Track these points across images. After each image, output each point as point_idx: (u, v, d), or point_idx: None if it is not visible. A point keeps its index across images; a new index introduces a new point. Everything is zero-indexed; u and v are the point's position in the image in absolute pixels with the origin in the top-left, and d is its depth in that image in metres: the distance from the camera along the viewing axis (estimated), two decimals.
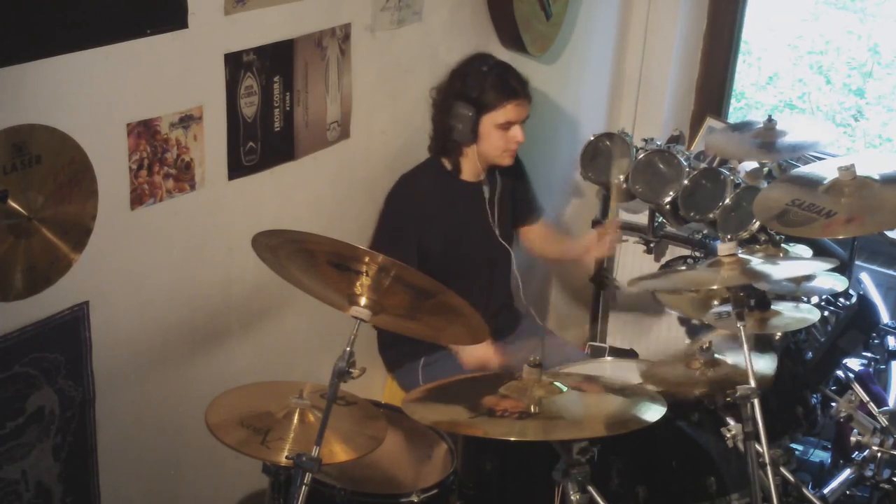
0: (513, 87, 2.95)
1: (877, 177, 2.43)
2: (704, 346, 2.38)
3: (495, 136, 2.96)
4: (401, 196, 2.98)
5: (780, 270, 2.48)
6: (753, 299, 2.38)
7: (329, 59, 2.72)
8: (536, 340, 3.08)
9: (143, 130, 2.24)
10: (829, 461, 3.14)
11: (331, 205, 2.86)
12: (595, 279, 3.96)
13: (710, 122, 4.00)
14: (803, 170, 2.68)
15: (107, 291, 2.24)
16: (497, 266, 3.16)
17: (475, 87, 2.92)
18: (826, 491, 2.69)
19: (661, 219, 3.64)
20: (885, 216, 2.41)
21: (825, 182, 2.47)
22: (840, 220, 2.36)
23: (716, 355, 2.37)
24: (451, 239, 2.99)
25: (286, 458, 1.98)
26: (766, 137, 3.25)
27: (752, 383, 2.17)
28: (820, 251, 3.13)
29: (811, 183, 2.52)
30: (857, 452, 2.69)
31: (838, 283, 2.82)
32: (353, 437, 2.10)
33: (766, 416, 2.15)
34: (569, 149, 3.73)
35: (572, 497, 2.09)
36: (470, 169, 3.03)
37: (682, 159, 3.38)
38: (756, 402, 2.15)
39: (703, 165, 3.43)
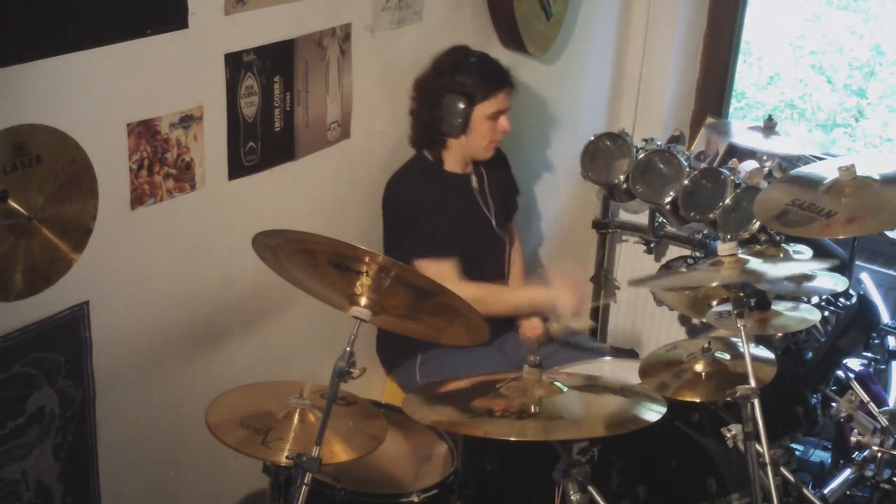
0: (502, 75, 2.99)
1: (877, 177, 2.43)
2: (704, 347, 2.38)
3: (485, 127, 2.97)
4: (402, 198, 2.98)
5: (779, 269, 2.48)
6: (753, 299, 2.38)
7: (329, 59, 2.72)
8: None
9: (144, 130, 2.24)
10: (830, 461, 3.14)
11: (331, 205, 2.86)
12: (595, 279, 3.97)
13: (711, 122, 4.01)
14: (803, 170, 2.68)
15: (107, 291, 2.24)
16: (493, 259, 3.16)
17: (467, 78, 2.92)
18: (826, 491, 2.69)
19: (661, 219, 3.65)
20: (886, 216, 2.41)
21: (825, 182, 2.47)
22: (840, 221, 2.36)
23: (716, 354, 2.37)
24: (451, 233, 2.98)
25: (286, 458, 1.98)
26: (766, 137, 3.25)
27: (752, 383, 2.17)
28: (820, 251, 3.13)
29: (811, 183, 2.52)
30: (857, 452, 2.69)
31: (839, 283, 2.82)
32: (353, 437, 2.10)
33: (766, 416, 2.15)
34: (569, 149, 3.73)
35: (572, 497, 2.09)
36: (453, 161, 3.03)
37: (682, 159, 3.38)
38: (756, 402, 2.15)
39: (703, 165, 3.43)
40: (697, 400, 2.32)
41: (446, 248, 2.92)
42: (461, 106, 2.92)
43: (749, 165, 3.42)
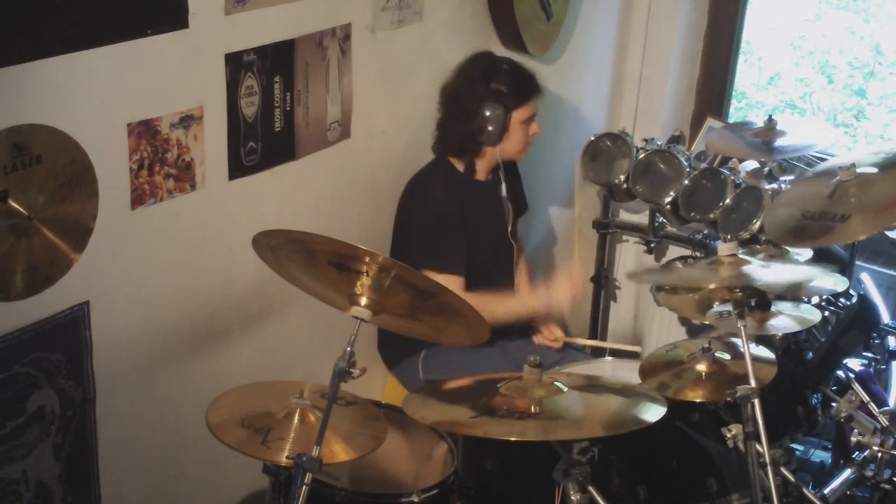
0: (533, 81, 3.03)
1: (876, 170, 2.42)
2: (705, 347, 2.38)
3: (520, 133, 3.00)
4: (426, 204, 2.97)
5: (777, 275, 2.48)
6: (754, 299, 2.38)
7: (329, 59, 2.72)
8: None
9: (144, 130, 2.24)
10: (830, 461, 3.14)
11: (331, 205, 2.86)
12: (595, 279, 3.97)
13: (711, 122, 4.01)
14: (804, 178, 2.67)
15: (107, 291, 2.24)
16: (504, 263, 3.17)
17: (502, 85, 2.94)
18: (826, 491, 2.69)
19: (661, 219, 3.65)
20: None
21: (830, 186, 2.45)
22: (856, 221, 2.34)
23: (716, 354, 2.37)
24: (466, 244, 2.98)
25: (286, 458, 1.98)
26: (766, 137, 3.25)
27: (753, 383, 2.17)
28: (821, 252, 3.13)
29: (815, 191, 2.50)
30: (857, 452, 2.69)
31: (839, 283, 2.82)
32: (354, 437, 2.10)
33: (766, 416, 2.15)
34: (569, 149, 3.73)
35: (573, 497, 2.09)
36: (482, 168, 3.05)
37: (682, 159, 3.38)
38: (756, 402, 2.15)
39: (703, 165, 3.43)
40: (697, 400, 2.32)
41: (454, 264, 2.91)
42: (499, 114, 2.94)
43: (749, 165, 3.42)
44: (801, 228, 2.43)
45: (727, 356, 2.36)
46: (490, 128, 2.94)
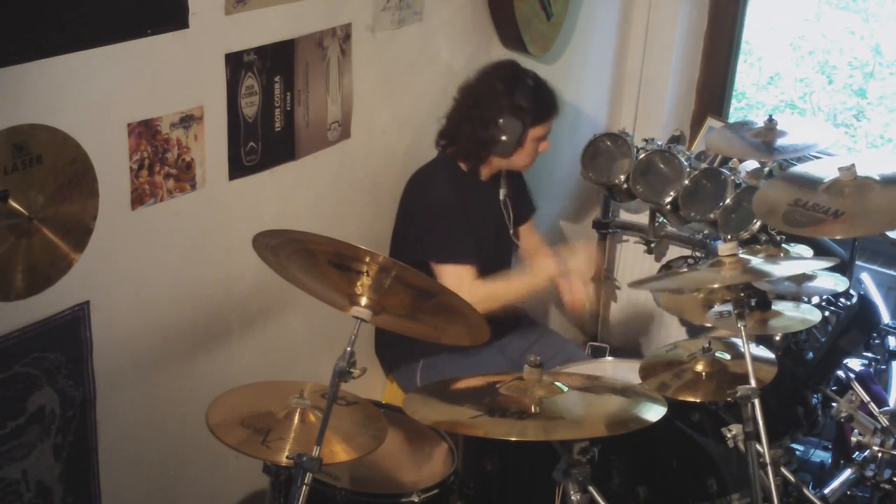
0: (555, 102, 3.02)
1: (877, 177, 2.42)
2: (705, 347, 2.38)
3: (531, 148, 3.00)
4: (430, 199, 2.97)
5: (781, 269, 2.48)
6: (754, 299, 2.38)
7: (330, 59, 2.72)
8: None
9: (144, 130, 2.24)
10: (830, 461, 3.14)
11: (331, 205, 2.86)
12: (595, 279, 3.97)
13: (711, 122, 4.01)
14: (800, 169, 2.68)
15: (107, 291, 2.24)
16: (503, 262, 3.17)
17: (525, 101, 2.93)
18: (827, 491, 2.69)
19: (661, 219, 3.65)
20: (886, 217, 2.40)
21: (825, 181, 2.46)
22: (846, 219, 2.35)
23: (716, 354, 2.37)
24: (473, 239, 2.98)
25: (287, 458, 1.98)
26: (766, 137, 3.25)
27: (753, 383, 2.17)
28: (820, 251, 3.13)
29: (810, 183, 2.51)
30: (857, 452, 2.69)
31: (839, 283, 2.82)
32: (354, 437, 2.10)
33: (766, 416, 2.15)
34: (569, 149, 3.73)
35: (573, 497, 2.09)
36: (486, 172, 3.06)
37: (682, 159, 3.38)
38: (756, 402, 2.15)
39: (703, 165, 3.43)
40: (698, 400, 2.32)
41: (467, 254, 2.92)
42: (516, 128, 2.93)
43: (749, 165, 3.42)
44: (789, 214, 2.43)
45: (727, 356, 2.36)
46: (504, 139, 2.94)
